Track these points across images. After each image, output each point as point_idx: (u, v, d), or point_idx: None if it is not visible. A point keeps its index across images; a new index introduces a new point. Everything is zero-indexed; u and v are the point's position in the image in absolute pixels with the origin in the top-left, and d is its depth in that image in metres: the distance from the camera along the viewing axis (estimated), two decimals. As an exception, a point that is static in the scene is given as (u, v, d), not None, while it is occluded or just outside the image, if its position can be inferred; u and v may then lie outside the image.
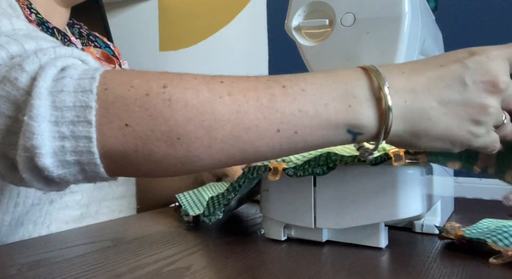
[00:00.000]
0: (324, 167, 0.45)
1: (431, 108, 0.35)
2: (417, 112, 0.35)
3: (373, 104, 0.35)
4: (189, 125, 0.35)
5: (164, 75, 0.37)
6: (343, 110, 0.35)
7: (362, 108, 0.35)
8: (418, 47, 0.52)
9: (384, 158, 0.43)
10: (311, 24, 0.51)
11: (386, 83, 0.35)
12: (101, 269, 0.39)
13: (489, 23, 1.43)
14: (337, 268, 0.39)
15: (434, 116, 0.35)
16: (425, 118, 0.35)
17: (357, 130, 0.35)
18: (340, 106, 0.35)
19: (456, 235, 0.46)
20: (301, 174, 0.46)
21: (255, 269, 0.39)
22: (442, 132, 0.35)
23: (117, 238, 0.50)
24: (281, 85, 0.36)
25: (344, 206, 0.46)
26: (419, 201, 0.46)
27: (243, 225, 0.58)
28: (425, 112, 0.35)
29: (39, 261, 0.41)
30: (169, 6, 2.03)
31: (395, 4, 0.47)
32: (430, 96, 0.35)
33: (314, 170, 0.45)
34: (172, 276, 0.37)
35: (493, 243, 0.42)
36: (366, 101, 0.35)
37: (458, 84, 0.35)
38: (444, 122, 0.35)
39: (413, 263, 0.41)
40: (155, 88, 0.35)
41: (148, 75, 0.37)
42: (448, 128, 0.35)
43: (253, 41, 1.84)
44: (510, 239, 0.43)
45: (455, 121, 0.35)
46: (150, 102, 0.35)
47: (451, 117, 0.35)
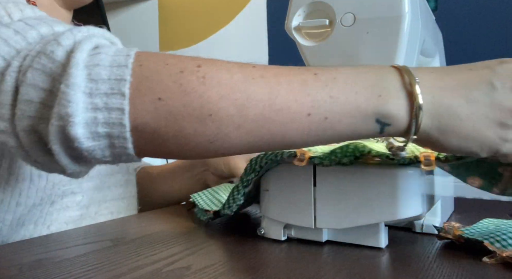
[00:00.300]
0: (352, 157, 0.43)
1: (459, 106, 0.34)
2: (446, 109, 0.34)
3: (404, 96, 0.35)
4: (221, 103, 0.35)
5: (197, 58, 0.38)
6: (373, 99, 0.35)
7: (392, 99, 0.35)
8: (418, 47, 0.52)
9: (413, 160, 0.41)
10: (311, 24, 0.51)
11: (417, 79, 0.35)
12: (101, 269, 0.39)
13: (489, 23, 1.43)
14: (337, 268, 0.39)
15: (462, 114, 0.34)
16: (454, 116, 0.34)
17: (385, 120, 0.35)
18: (371, 95, 0.35)
19: (454, 235, 0.47)
20: (327, 164, 0.44)
21: (255, 269, 0.39)
22: (471, 132, 0.34)
23: (117, 238, 0.50)
24: (313, 73, 0.37)
25: (344, 206, 0.46)
26: (419, 201, 0.46)
27: (243, 225, 0.58)
28: (453, 109, 0.34)
29: (39, 261, 0.41)
30: (169, 6, 2.03)
31: (395, 4, 0.47)
32: (458, 95, 0.35)
33: (342, 160, 0.43)
34: (172, 276, 0.37)
35: (490, 243, 0.42)
36: (396, 93, 0.35)
37: (487, 86, 0.35)
38: (472, 121, 0.34)
39: (413, 263, 0.41)
40: (190, 67, 0.36)
41: (182, 56, 0.37)
42: (476, 129, 0.34)
43: (253, 41, 1.84)
44: (508, 240, 0.43)
45: (484, 122, 0.34)
46: (185, 78, 0.35)
47: (480, 117, 0.34)
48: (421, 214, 0.46)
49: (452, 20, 1.47)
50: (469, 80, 0.35)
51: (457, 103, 0.34)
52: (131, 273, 0.37)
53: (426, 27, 0.56)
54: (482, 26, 1.44)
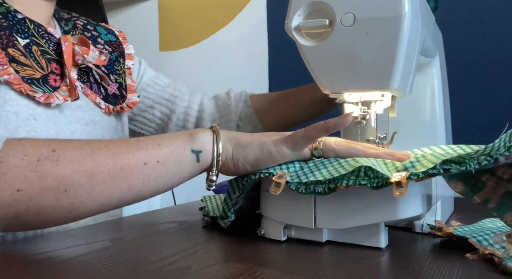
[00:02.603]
0: (325, 187, 0.44)
1: (241, 135, 0.52)
2: (234, 136, 0.52)
3: (209, 131, 0.52)
4: (74, 177, 0.44)
5: (54, 141, 0.46)
6: (186, 138, 0.51)
7: (199, 134, 0.51)
8: (418, 47, 0.52)
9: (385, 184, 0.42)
10: (311, 24, 0.51)
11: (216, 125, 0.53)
12: (101, 269, 0.39)
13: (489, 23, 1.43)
14: (337, 268, 0.39)
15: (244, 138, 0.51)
16: (240, 137, 0.51)
17: (197, 148, 0.50)
18: (185, 136, 0.51)
19: (445, 233, 0.47)
20: (302, 191, 0.45)
21: (255, 269, 0.39)
22: (251, 142, 0.50)
23: (117, 238, 0.50)
24: (146, 137, 0.51)
25: (344, 206, 0.46)
26: (419, 201, 0.46)
27: (243, 225, 0.58)
28: (239, 136, 0.52)
29: (39, 261, 0.41)
30: (169, 6, 2.03)
31: (395, 4, 0.47)
32: (242, 133, 0.53)
33: (316, 188, 0.45)
34: (172, 276, 0.37)
35: (477, 242, 0.43)
36: (203, 131, 0.52)
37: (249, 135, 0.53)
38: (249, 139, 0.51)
39: (413, 263, 0.41)
40: (45, 153, 0.44)
41: (40, 143, 0.46)
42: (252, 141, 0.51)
43: (253, 41, 1.84)
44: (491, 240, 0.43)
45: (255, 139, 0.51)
46: (41, 166, 0.44)
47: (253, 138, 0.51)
48: (421, 214, 0.46)
49: (452, 20, 1.47)
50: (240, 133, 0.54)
51: (240, 135, 0.52)
52: (131, 273, 0.37)
53: (426, 27, 0.56)
54: (482, 26, 1.44)
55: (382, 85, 0.50)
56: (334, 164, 0.47)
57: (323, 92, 0.54)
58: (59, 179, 0.44)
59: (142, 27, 2.07)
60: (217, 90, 1.97)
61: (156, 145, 0.49)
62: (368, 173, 0.44)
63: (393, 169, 0.45)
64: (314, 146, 0.51)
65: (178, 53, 1.99)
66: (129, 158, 0.47)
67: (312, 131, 0.48)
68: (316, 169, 0.47)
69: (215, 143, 0.51)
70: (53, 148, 0.45)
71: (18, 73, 0.56)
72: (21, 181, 0.43)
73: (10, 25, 0.59)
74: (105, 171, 0.46)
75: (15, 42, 0.58)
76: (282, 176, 0.47)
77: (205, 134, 0.51)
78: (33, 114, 0.58)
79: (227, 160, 0.51)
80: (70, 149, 0.46)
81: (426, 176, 0.41)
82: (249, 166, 0.50)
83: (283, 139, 0.49)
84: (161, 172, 0.48)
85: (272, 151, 0.49)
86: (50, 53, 0.63)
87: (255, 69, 1.83)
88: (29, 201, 0.43)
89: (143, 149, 0.48)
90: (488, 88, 1.42)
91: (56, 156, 0.44)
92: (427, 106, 0.65)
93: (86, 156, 0.45)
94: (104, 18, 1.74)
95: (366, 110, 0.55)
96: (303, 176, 0.47)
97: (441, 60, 0.70)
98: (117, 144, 0.48)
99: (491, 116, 1.42)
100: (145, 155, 0.48)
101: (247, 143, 0.50)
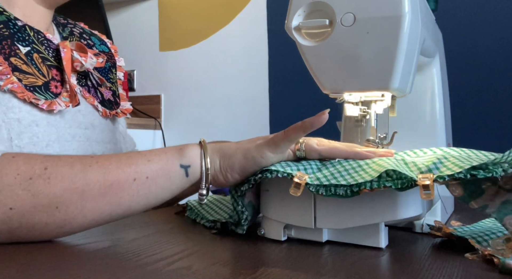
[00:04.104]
0: (348, 190, 0.44)
1: (227, 146, 0.52)
2: (220, 147, 0.52)
3: (196, 146, 0.52)
4: (65, 194, 0.45)
5: (47, 159, 0.47)
6: (175, 153, 0.51)
7: (188, 149, 0.52)
8: (418, 47, 0.52)
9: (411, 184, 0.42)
10: (311, 24, 0.51)
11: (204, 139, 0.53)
12: (101, 269, 0.39)
13: (489, 23, 1.43)
14: (337, 268, 0.39)
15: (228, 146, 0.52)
16: (225, 147, 0.52)
17: (186, 163, 0.51)
18: (174, 151, 0.51)
19: (445, 233, 0.47)
20: (322, 193, 0.45)
21: (255, 269, 0.39)
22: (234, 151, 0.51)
23: (117, 238, 0.50)
24: (137, 152, 0.51)
25: (344, 206, 0.46)
26: (419, 201, 0.46)
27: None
28: (224, 146, 0.52)
29: (39, 261, 0.41)
30: (169, 6, 2.03)
31: (395, 4, 0.47)
32: (228, 144, 0.53)
33: (337, 190, 0.44)
34: (172, 276, 0.37)
35: (476, 242, 0.43)
36: (192, 146, 0.52)
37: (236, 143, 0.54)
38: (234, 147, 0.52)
39: (413, 263, 0.41)
40: (38, 171, 0.46)
41: (33, 160, 0.47)
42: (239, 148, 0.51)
43: (253, 41, 1.84)
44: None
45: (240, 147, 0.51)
46: (33, 184, 0.45)
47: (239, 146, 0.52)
48: (421, 214, 0.46)
49: (452, 20, 1.47)
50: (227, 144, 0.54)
51: (227, 146, 0.52)
52: (131, 273, 0.37)
53: (426, 27, 0.56)
54: (482, 26, 1.44)
55: (382, 85, 0.50)
56: (354, 166, 0.46)
57: (323, 92, 0.54)
58: (50, 197, 0.45)
59: (142, 27, 2.07)
60: (217, 90, 1.97)
61: (146, 160, 0.49)
62: (390, 173, 0.43)
63: (415, 169, 0.45)
64: (297, 147, 0.51)
65: (178, 53, 1.99)
66: (119, 174, 0.48)
67: (291, 132, 0.48)
68: (336, 171, 0.46)
69: (202, 157, 0.51)
70: (45, 165, 0.46)
71: (21, 81, 0.58)
72: (14, 199, 0.44)
73: (11, 34, 0.61)
74: (95, 188, 0.46)
75: (16, 51, 0.60)
76: (302, 177, 0.46)
77: (193, 149, 0.52)
78: (35, 121, 0.59)
79: (216, 172, 0.51)
80: (61, 166, 0.47)
81: (451, 179, 0.41)
82: (237, 174, 0.51)
83: (265, 143, 0.50)
84: (150, 188, 0.49)
85: (255, 156, 0.50)
86: (50, 60, 0.65)
87: (255, 69, 1.83)
88: (22, 218, 0.45)
89: (133, 165, 0.49)
90: (488, 88, 1.42)
91: (48, 174, 0.46)
92: (427, 106, 0.65)
93: (77, 173, 0.46)
94: (104, 18, 1.74)
95: (366, 110, 0.55)
96: (323, 178, 0.46)
97: (441, 60, 0.70)
98: (108, 160, 0.49)
99: (491, 116, 1.42)
100: (135, 170, 0.48)
101: (231, 153, 0.51)
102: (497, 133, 1.40)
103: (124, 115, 0.79)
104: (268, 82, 1.80)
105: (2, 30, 0.60)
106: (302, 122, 0.48)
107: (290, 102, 1.73)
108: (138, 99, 2.01)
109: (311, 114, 0.47)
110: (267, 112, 1.79)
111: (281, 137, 0.49)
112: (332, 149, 0.50)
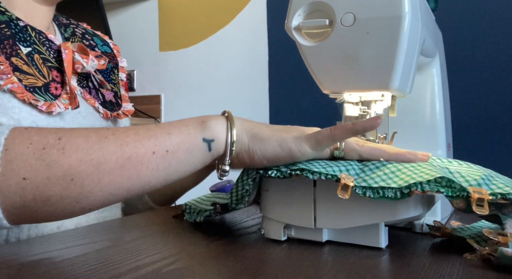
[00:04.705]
0: (397, 191, 0.43)
1: (258, 127, 0.49)
2: (250, 127, 0.49)
3: (222, 119, 0.49)
4: (80, 166, 0.43)
5: (60, 130, 0.45)
6: (198, 126, 0.48)
7: (211, 121, 0.49)
8: (418, 47, 0.52)
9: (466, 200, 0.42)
10: (311, 24, 0.51)
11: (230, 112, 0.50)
12: (101, 269, 0.39)
13: (489, 23, 1.43)
14: (337, 268, 0.39)
15: (263, 131, 0.49)
16: (256, 128, 0.49)
17: (209, 137, 0.48)
18: (196, 123, 0.48)
19: (444, 233, 0.47)
20: (370, 195, 0.43)
21: (255, 269, 0.39)
22: (270, 136, 0.48)
23: (117, 238, 0.50)
24: (155, 124, 0.48)
25: (344, 206, 0.46)
26: (419, 201, 0.46)
27: (243, 225, 0.58)
28: (255, 127, 0.49)
29: (39, 261, 0.41)
30: (169, 6, 2.03)
31: (395, 4, 0.47)
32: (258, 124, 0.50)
33: (386, 192, 0.43)
34: (172, 276, 0.37)
35: (475, 242, 0.43)
36: (216, 118, 0.49)
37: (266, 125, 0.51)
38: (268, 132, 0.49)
39: (413, 263, 0.41)
40: (51, 141, 0.43)
41: (46, 131, 0.44)
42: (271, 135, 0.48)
43: (253, 41, 1.84)
44: None
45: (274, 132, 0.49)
46: (47, 154, 0.42)
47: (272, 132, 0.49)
48: (421, 214, 0.46)
49: (452, 20, 1.47)
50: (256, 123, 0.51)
51: (256, 126, 0.50)
52: (131, 273, 0.37)
53: (426, 27, 0.56)
54: (482, 26, 1.44)
55: (382, 85, 0.50)
56: (400, 168, 0.45)
57: (323, 92, 0.54)
58: (65, 168, 0.42)
59: (142, 27, 2.07)
60: (217, 90, 1.97)
61: (165, 133, 0.47)
62: (438, 180, 0.42)
63: (463, 180, 0.44)
64: (336, 147, 0.49)
65: (178, 53, 2.00)
66: (137, 147, 0.45)
67: (339, 132, 0.46)
68: (382, 173, 0.45)
69: (229, 131, 0.48)
70: (59, 136, 0.44)
71: (21, 82, 0.58)
72: (27, 169, 0.42)
73: (13, 34, 0.61)
74: (112, 160, 0.44)
75: (18, 51, 0.60)
76: (349, 179, 0.44)
77: (218, 122, 0.49)
78: (35, 121, 0.59)
79: (242, 151, 0.48)
80: (76, 137, 0.44)
81: (501, 198, 0.41)
82: (266, 161, 0.48)
83: (306, 137, 0.47)
84: (170, 162, 0.46)
85: (293, 149, 0.47)
86: (51, 61, 0.65)
87: (255, 69, 1.83)
88: (36, 190, 0.42)
89: (152, 138, 0.46)
90: (488, 88, 1.42)
91: (62, 144, 0.43)
92: (427, 106, 0.65)
93: (93, 145, 0.44)
94: (104, 18, 1.74)
95: (366, 110, 0.55)
96: (370, 180, 0.44)
97: (441, 60, 0.70)
98: (125, 132, 0.46)
99: (491, 117, 1.42)
100: (154, 143, 0.46)
101: (265, 137, 0.48)
102: (497, 134, 1.40)
103: (126, 116, 0.78)
104: (268, 82, 1.80)
105: (4, 30, 0.60)
106: (353, 124, 0.46)
107: (290, 102, 1.73)
108: (138, 99, 2.01)
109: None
110: (267, 112, 1.79)
111: (326, 136, 0.47)
112: (373, 149, 0.48)
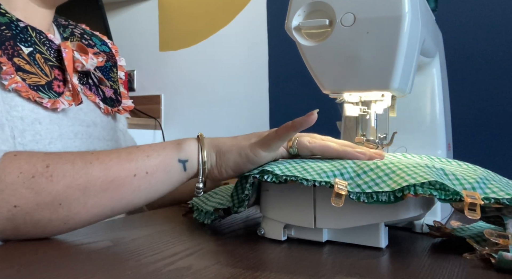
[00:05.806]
0: (391, 195, 0.42)
1: (224, 140, 0.54)
2: (217, 143, 0.53)
3: (194, 141, 0.53)
4: (67, 191, 0.46)
5: (48, 156, 0.48)
6: (174, 148, 0.52)
7: (186, 143, 0.53)
8: (418, 47, 0.52)
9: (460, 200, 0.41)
10: (311, 24, 0.51)
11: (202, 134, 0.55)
12: (101, 269, 0.39)
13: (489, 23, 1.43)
14: (337, 268, 0.39)
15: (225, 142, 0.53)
16: (222, 143, 0.53)
17: (184, 158, 0.52)
18: (173, 146, 0.53)
19: (444, 233, 0.47)
20: (364, 200, 0.43)
21: (255, 269, 0.39)
22: (230, 148, 0.52)
23: (117, 238, 0.50)
24: (136, 147, 0.52)
25: (344, 206, 0.46)
26: (419, 201, 0.46)
27: (243, 225, 0.58)
28: (221, 142, 0.53)
29: (39, 261, 0.41)
30: (169, 6, 2.03)
31: (395, 4, 0.47)
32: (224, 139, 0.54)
33: (379, 196, 0.43)
34: (172, 276, 0.37)
35: (475, 242, 0.43)
36: (189, 140, 0.53)
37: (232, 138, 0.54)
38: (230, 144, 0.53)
39: (413, 263, 0.41)
40: (40, 169, 0.46)
41: (35, 158, 0.47)
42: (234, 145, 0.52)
43: (253, 41, 1.84)
44: None
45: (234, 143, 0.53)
46: (36, 182, 0.46)
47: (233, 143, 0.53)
48: (421, 214, 0.46)
49: (452, 20, 1.47)
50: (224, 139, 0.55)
51: (222, 141, 0.53)
52: (131, 273, 0.37)
53: (426, 27, 0.56)
54: (482, 26, 1.44)
55: (382, 85, 0.50)
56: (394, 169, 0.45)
57: (323, 92, 0.54)
58: (53, 194, 0.46)
59: (142, 27, 2.07)
60: (217, 90, 1.97)
61: (145, 156, 0.51)
62: (432, 182, 0.42)
63: (457, 183, 0.43)
64: (290, 145, 0.52)
65: (178, 53, 1.99)
66: (119, 170, 0.49)
67: (282, 131, 0.49)
68: (376, 176, 0.45)
69: (199, 152, 0.53)
70: (47, 163, 0.47)
71: (24, 81, 0.59)
72: (18, 197, 0.45)
73: (14, 35, 0.61)
74: (97, 184, 0.48)
75: (19, 51, 0.61)
76: (342, 185, 0.44)
77: (191, 143, 0.53)
78: (38, 119, 0.60)
79: (212, 167, 0.53)
80: (63, 163, 0.47)
81: (495, 203, 0.41)
82: (231, 171, 0.52)
83: (258, 142, 0.51)
84: (150, 182, 0.50)
85: (249, 155, 0.51)
86: (52, 60, 0.66)
87: (255, 69, 1.83)
88: (26, 215, 0.46)
89: (133, 161, 0.50)
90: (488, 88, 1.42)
91: (50, 172, 0.46)
92: (427, 106, 0.65)
93: (79, 170, 0.47)
94: (104, 18, 1.74)
95: (366, 110, 0.55)
96: (364, 185, 0.44)
97: (441, 60, 0.70)
98: (108, 156, 0.50)
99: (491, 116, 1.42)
100: (135, 166, 0.50)
101: (227, 149, 0.52)
102: (497, 134, 1.40)
103: (126, 112, 0.80)
104: (268, 82, 1.80)
105: (4, 32, 0.60)
106: (292, 122, 0.48)
107: (290, 102, 1.73)
108: (138, 99, 2.01)
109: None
110: (267, 112, 1.79)
111: (272, 137, 0.50)
112: (323, 147, 0.51)
